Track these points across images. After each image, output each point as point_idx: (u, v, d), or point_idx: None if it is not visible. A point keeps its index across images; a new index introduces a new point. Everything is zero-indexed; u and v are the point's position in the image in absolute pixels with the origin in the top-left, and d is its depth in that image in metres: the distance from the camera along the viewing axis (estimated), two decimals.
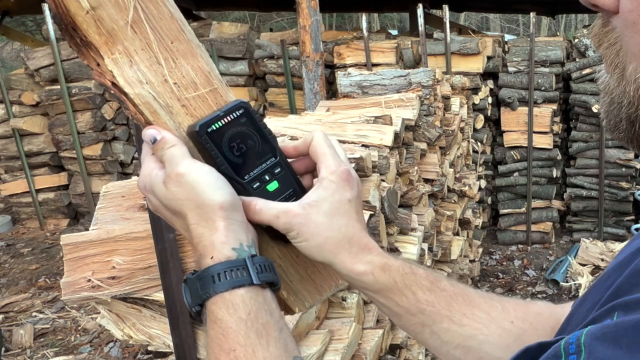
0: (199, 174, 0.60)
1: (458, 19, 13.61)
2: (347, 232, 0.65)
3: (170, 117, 0.63)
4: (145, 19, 0.61)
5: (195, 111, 0.64)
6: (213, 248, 0.60)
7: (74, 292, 1.52)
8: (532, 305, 0.72)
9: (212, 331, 0.58)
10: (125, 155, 6.27)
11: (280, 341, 0.58)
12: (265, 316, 0.58)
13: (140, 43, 0.61)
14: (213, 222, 0.60)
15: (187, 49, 0.64)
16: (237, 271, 0.58)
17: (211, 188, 0.60)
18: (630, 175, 5.43)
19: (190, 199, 0.60)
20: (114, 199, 1.68)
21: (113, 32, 0.60)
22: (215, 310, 0.58)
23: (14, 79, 6.25)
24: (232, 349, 0.56)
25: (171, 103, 0.63)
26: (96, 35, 0.60)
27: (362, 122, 2.56)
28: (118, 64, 0.61)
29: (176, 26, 0.63)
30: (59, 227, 6.46)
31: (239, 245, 0.60)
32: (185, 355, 1.51)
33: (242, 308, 0.57)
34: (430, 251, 2.90)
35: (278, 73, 5.94)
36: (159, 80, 0.62)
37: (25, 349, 3.94)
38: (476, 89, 5.29)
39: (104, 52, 0.61)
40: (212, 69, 0.66)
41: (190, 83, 0.64)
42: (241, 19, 15.19)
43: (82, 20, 0.59)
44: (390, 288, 0.66)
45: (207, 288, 0.58)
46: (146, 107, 0.62)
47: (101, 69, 0.62)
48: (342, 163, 0.66)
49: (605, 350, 0.41)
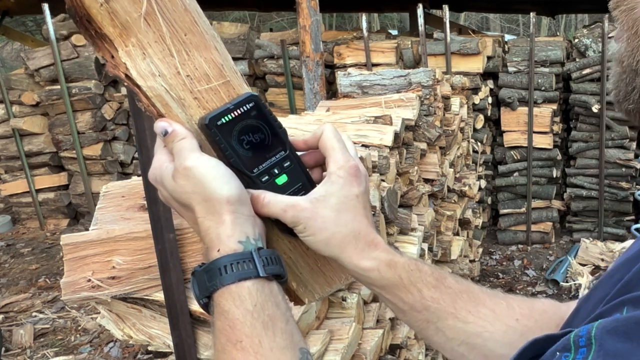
0: (207, 167, 0.60)
1: (458, 19, 13.61)
2: (354, 227, 0.65)
3: (182, 110, 0.63)
4: (159, 11, 0.61)
5: (207, 104, 0.64)
6: (220, 241, 0.60)
7: (74, 292, 1.52)
8: (536, 303, 0.72)
9: (219, 322, 0.59)
10: (125, 155, 6.27)
11: (286, 332, 0.58)
12: (271, 308, 0.59)
13: (154, 35, 0.62)
14: (220, 215, 0.60)
15: (201, 41, 0.64)
16: (243, 264, 0.59)
17: (218, 182, 0.60)
18: (630, 175, 5.43)
19: (198, 193, 0.60)
20: (114, 199, 1.68)
21: (127, 25, 0.60)
22: (222, 302, 0.59)
23: (14, 79, 6.25)
24: (238, 340, 0.57)
25: (183, 95, 0.63)
26: (110, 27, 0.60)
27: (362, 122, 2.56)
28: (131, 57, 0.61)
29: (190, 18, 0.63)
30: (59, 227, 6.46)
31: (245, 238, 0.61)
32: (185, 355, 1.51)
33: (249, 300, 0.58)
34: (430, 251, 2.90)
35: (278, 73, 5.94)
36: (172, 73, 0.62)
37: (25, 349, 3.94)
38: (476, 89, 5.28)
39: (118, 44, 0.61)
40: (225, 60, 0.66)
41: (203, 75, 0.64)
42: (241, 19, 15.19)
43: (96, 12, 0.60)
44: (395, 284, 0.67)
45: (214, 280, 0.59)
46: (158, 100, 0.62)
47: (115, 61, 0.62)
48: (351, 158, 0.66)
49: (616, 344, 0.41)
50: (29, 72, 6.13)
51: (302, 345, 0.60)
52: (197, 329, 1.53)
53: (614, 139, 5.37)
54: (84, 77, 5.94)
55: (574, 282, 4.63)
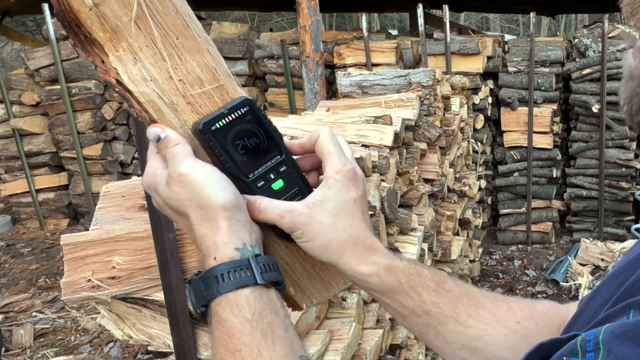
0: (201, 174, 0.59)
1: (458, 19, 13.61)
2: (352, 232, 0.64)
3: (175, 115, 0.62)
4: (150, 15, 0.60)
5: (200, 108, 0.63)
6: (216, 248, 0.59)
7: (74, 292, 1.52)
8: (537, 305, 0.72)
9: (217, 332, 0.58)
10: (125, 155, 6.27)
11: (286, 340, 0.57)
12: (270, 315, 0.58)
13: (145, 39, 0.60)
14: (215, 222, 0.59)
15: (193, 44, 0.63)
16: (240, 271, 0.58)
17: (213, 188, 0.59)
18: (630, 175, 5.43)
19: (192, 200, 0.59)
20: (114, 199, 1.68)
21: (117, 29, 0.59)
22: (220, 311, 0.58)
23: (14, 79, 6.25)
24: (237, 349, 0.56)
25: (176, 100, 0.62)
26: (100, 32, 0.59)
27: (362, 122, 2.56)
28: (122, 61, 0.60)
29: (181, 21, 0.62)
30: (59, 227, 6.46)
31: (242, 245, 0.60)
32: (185, 355, 1.51)
33: (247, 308, 0.57)
34: (430, 251, 2.90)
35: (278, 73, 5.94)
36: (164, 77, 0.61)
37: (25, 349, 3.94)
38: (476, 89, 5.28)
39: (108, 49, 0.60)
40: (219, 64, 0.65)
41: (195, 79, 0.63)
42: (241, 19, 15.19)
43: (85, 16, 0.58)
44: (395, 289, 0.66)
45: (211, 289, 0.58)
46: (150, 105, 0.61)
47: (105, 66, 0.61)
48: (348, 162, 0.65)
49: (625, 349, 0.40)
50: (29, 72, 6.13)
51: (302, 352, 0.59)
52: (197, 329, 1.53)
53: (614, 139, 5.37)
54: (84, 77, 5.94)
55: (574, 282, 4.63)
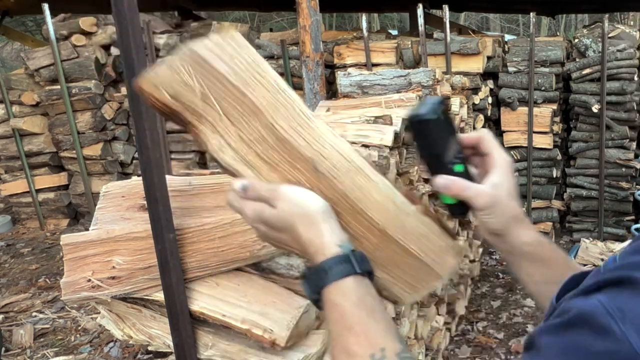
0: (294, 189, 0.74)
1: (458, 19, 13.61)
2: (516, 211, 0.82)
3: (251, 170, 0.76)
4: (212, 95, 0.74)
5: (268, 159, 0.76)
6: (323, 247, 0.71)
7: (74, 292, 1.52)
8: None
9: (331, 314, 0.69)
10: (126, 155, 6.27)
11: (385, 319, 0.69)
12: (369, 298, 0.70)
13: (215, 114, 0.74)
14: (318, 225, 0.72)
15: (253, 108, 0.75)
16: (344, 264, 0.70)
17: (308, 198, 0.74)
18: (630, 175, 5.42)
19: (296, 211, 0.73)
20: (114, 199, 1.68)
21: (195, 110, 0.74)
22: (332, 297, 0.69)
23: (14, 79, 6.25)
24: (351, 326, 0.67)
25: (248, 158, 0.76)
26: (187, 114, 0.75)
27: (362, 122, 2.56)
28: (206, 136, 0.75)
29: (238, 91, 0.75)
30: (59, 227, 6.46)
31: (341, 242, 0.72)
32: (185, 355, 1.51)
33: (353, 293, 0.69)
34: None
35: (278, 73, 5.93)
36: (235, 140, 0.75)
37: (25, 349, 3.94)
38: (476, 89, 5.28)
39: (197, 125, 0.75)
40: (274, 121, 0.76)
41: (260, 138, 0.76)
42: (241, 19, 15.19)
43: (175, 107, 0.74)
44: (542, 258, 0.83)
45: (323, 279, 0.70)
46: (231, 167, 0.76)
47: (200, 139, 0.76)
48: (507, 155, 0.83)
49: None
50: (29, 72, 6.13)
51: (397, 330, 0.70)
52: (197, 329, 1.53)
53: (614, 139, 5.37)
54: (84, 77, 5.93)
55: None
